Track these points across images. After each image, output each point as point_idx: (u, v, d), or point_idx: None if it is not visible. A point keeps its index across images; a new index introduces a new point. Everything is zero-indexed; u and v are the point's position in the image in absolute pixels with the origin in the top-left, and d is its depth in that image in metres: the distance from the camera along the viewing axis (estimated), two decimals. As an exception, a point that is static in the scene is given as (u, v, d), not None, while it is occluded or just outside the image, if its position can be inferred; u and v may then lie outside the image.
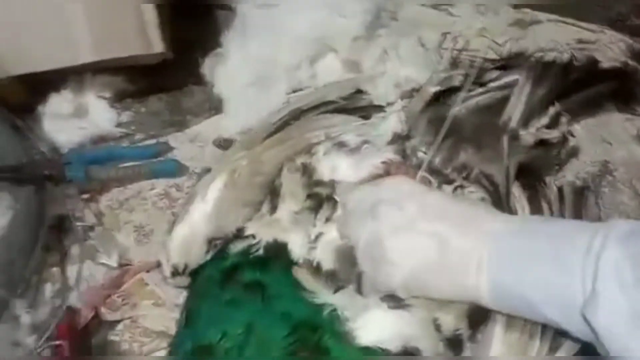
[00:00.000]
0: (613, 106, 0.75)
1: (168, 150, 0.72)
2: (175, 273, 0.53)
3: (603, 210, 0.67)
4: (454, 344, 0.49)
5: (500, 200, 0.61)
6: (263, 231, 0.54)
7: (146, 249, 0.63)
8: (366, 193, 0.51)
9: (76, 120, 0.73)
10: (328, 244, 0.52)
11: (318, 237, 0.53)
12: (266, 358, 0.45)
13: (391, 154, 0.61)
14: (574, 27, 0.80)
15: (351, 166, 0.59)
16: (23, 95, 0.72)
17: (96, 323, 0.57)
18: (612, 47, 0.78)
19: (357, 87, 0.70)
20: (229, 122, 0.73)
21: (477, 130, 0.65)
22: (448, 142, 0.63)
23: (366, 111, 0.69)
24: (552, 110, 0.67)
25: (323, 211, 0.54)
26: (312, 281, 0.50)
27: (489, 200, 0.59)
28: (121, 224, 0.65)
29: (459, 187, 0.60)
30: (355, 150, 0.62)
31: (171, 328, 0.55)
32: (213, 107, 0.75)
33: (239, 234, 0.55)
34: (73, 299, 0.57)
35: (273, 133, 0.62)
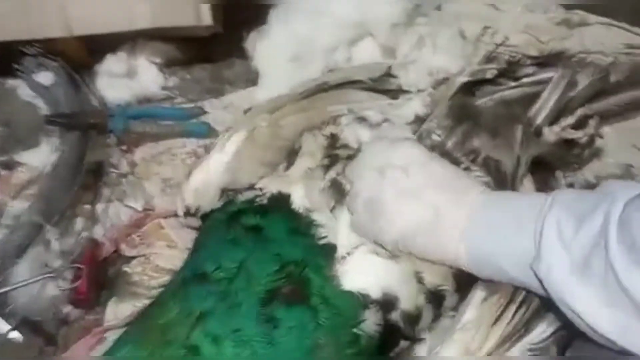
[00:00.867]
0: None
1: (202, 113, 0.76)
2: (187, 213, 0.57)
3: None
4: (435, 299, 0.51)
5: (505, 187, 0.60)
6: (271, 184, 0.57)
7: (169, 199, 0.67)
8: (380, 150, 0.54)
9: (126, 80, 0.79)
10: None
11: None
12: (250, 290, 0.47)
13: (408, 133, 0.62)
14: (626, 32, 0.78)
15: (370, 136, 0.60)
16: (83, 53, 0.79)
17: (115, 257, 0.62)
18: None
19: (388, 71, 0.71)
20: (262, 95, 0.76)
21: (496, 120, 0.65)
22: (463, 127, 0.64)
23: (394, 94, 0.70)
24: (581, 111, 0.66)
25: (335, 168, 0.56)
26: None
27: (492, 186, 0.58)
28: (151, 175, 0.70)
29: (465, 169, 0.59)
30: (375, 126, 0.63)
31: (179, 267, 0.58)
32: (250, 80, 0.79)
33: (250, 187, 0.58)
34: (98, 233, 0.62)
35: (297, 101, 0.64)
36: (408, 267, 0.51)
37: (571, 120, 0.67)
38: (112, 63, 0.79)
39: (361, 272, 0.50)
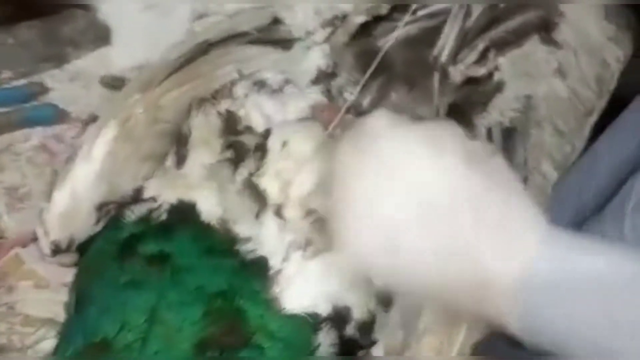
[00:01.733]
0: (537, 37, 0.72)
1: (43, 92, 0.61)
2: (57, 250, 0.44)
3: (530, 152, 0.65)
4: (386, 298, 0.44)
5: None
6: (165, 191, 0.46)
7: (22, 217, 0.52)
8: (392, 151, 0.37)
9: None
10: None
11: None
12: (172, 349, 0.37)
13: (317, 95, 0.55)
14: None
15: (275, 110, 0.51)
16: None
17: (-39, 312, 0.46)
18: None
19: (274, 16, 0.62)
20: (120, 56, 0.63)
21: (408, 66, 0.60)
22: (378, 81, 0.58)
23: (285, 44, 0.61)
24: (481, 45, 0.63)
25: (246, 164, 0.46)
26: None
27: None
28: (-12, 186, 0.54)
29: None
30: (277, 91, 0.55)
31: (60, 314, 0.45)
32: (99, 37, 0.65)
33: (137, 196, 0.46)
34: None
35: (175, 71, 0.52)
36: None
37: (474, 56, 0.65)
38: None
39: (303, 286, 0.42)
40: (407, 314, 0.46)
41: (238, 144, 0.47)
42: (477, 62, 0.63)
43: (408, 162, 0.36)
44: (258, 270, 0.42)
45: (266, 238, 0.43)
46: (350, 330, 0.43)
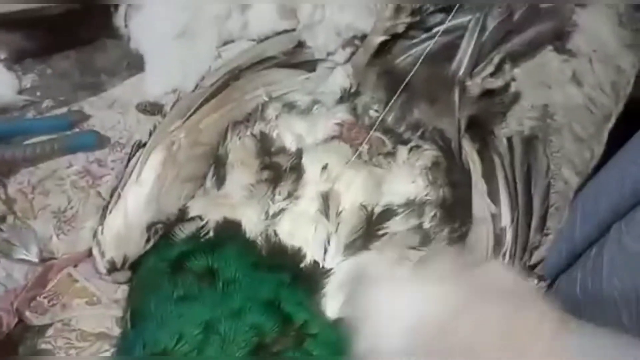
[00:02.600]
0: (551, 47, 0.74)
1: (84, 119, 0.63)
2: (112, 269, 0.46)
3: (551, 159, 0.67)
4: None
5: (452, 156, 0.58)
6: (211, 210, 0.48)
7: (70, 238, 0.55)
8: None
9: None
10: (293, 220, 0.47)
11: (278, 214, 0.47)
12: (231, 358, 0.39)
13: (343, 114, 0.57)
14: None
15: (306, 129, 0.53)
16: None
17: (21, 330, 0.49)
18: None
19: (298, 39, 0.65)
20: (153, 82, 0.65)
21: (428, 82, 0.62)
22: (400, 99, 0.59)
23: (310, 65, 0.64)
24: (497, 57, 0.65)
25: (284, 184, 0.49)
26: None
27: (443, 160, 0.56)
28: (37, 211, 0.56)
29: (415, 147, 0.56)
30: (306, 111, 0.57)
31: (113, 328, 0.48)
32: (132, 65, 0.67)
33: (183, 216, 0.48)
34: (-13, 306, 0.48)
35: (211, 97, 0.54)
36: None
37: (490, 68, 0.67)
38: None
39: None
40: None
41: (274, 165, 0.50)
42: (493, 75, 0.65)
43: None
44: (305, 279, 0.44)
45: (316, 248, 0.46)
46: None
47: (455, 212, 0.53)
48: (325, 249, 0.46)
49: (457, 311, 0.34)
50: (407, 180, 0.53)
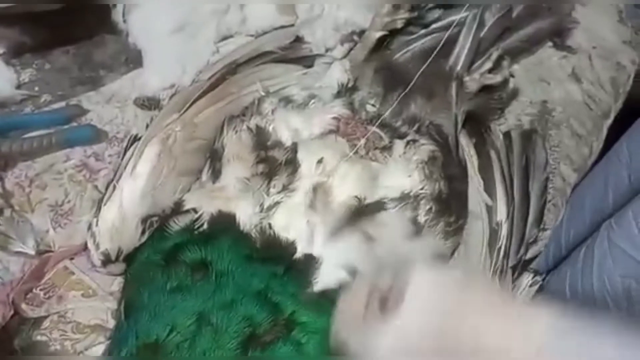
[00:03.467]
0: (550, 43, 0.73)
1: (82, 113, 0.63)
2: (107, 261, 0.46)
3: (550, 153, 0.66)
4: None
5: (449, 151, 0.58)
6: (205, 202, 0.48)
7: (67, 232, 0.55)
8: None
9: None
10: (288, 213, 0.47)
11: (273, 207, 0.47)
12: (221, 350, 0.39)
13: (340, 108, 0.57)
14: None
15: (302, 124, 0.54)
16: None
17: (17, 322, 0.49)
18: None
19: (296, 34, 0.65)
20: (151, 77, 0.65)
21: (425, 77, 0.61)
22: (397, 93, 0.60)
23: (308, 60, 0.64)
24: (495, 53, 0.65)
25: (279, 178, 0.49)
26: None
27: (440, 154, 0.56)
28: (34, 204, 0.57)
29: (412, 142, 0.56)
30: (302, 106, 0.57)
31: (108, 320, 0.48)
32: (131, 60, 0.67)
33: (178, 209, 0.49)
34: (-16, 297, 0.48)
35: (207, 91, 0.55)
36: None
37: (489, 64, 0.67)
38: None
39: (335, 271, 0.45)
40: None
41: (269, 159, 0.50)
42: (492, 70, 0.65)
43: None
44: (297, 270, 0.44)
45: (308, 239, 0.46)
46: None
47: (450, 206, 0.53)
48: (314, 240, 0.46)
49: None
50: (404, 174, 0.53)
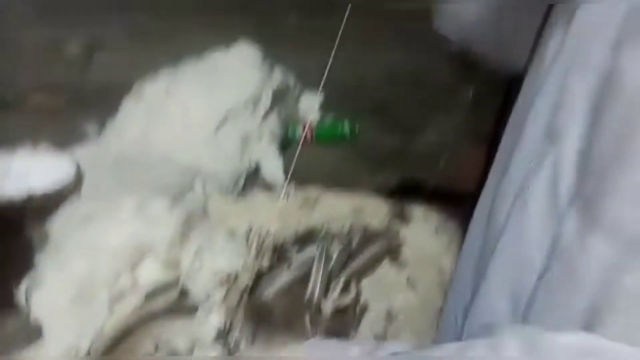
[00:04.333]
0: (387, 261, 0.87)
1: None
2: None
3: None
4: None
5: None
6: None
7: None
8: None
9: None
10: None
11: None
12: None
13: (218, 352, 0.66)
14: (349, 197, 0.93)
15: None
16: None
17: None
18: (377, 212, 0.91)
19: (181, 288, 0.75)
20: (52, 349, 0.71)
21: (286, 311, 0.73)
22: (262, 329, 0.70)
23: (190, 310, 0.74)
24: (343, 277, 0.79)
25: None
26: None
27: None
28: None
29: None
30: (186, 353, 0.66)
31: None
32: (33, 335, 0.72)
33: None
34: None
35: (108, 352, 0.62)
36: None
37: (339, 287, 0.79)
38: None
39: None
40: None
41: None
42: (343, 292, 0.78)
43: None
44: None
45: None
46: None
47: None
48: None
49: None
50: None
